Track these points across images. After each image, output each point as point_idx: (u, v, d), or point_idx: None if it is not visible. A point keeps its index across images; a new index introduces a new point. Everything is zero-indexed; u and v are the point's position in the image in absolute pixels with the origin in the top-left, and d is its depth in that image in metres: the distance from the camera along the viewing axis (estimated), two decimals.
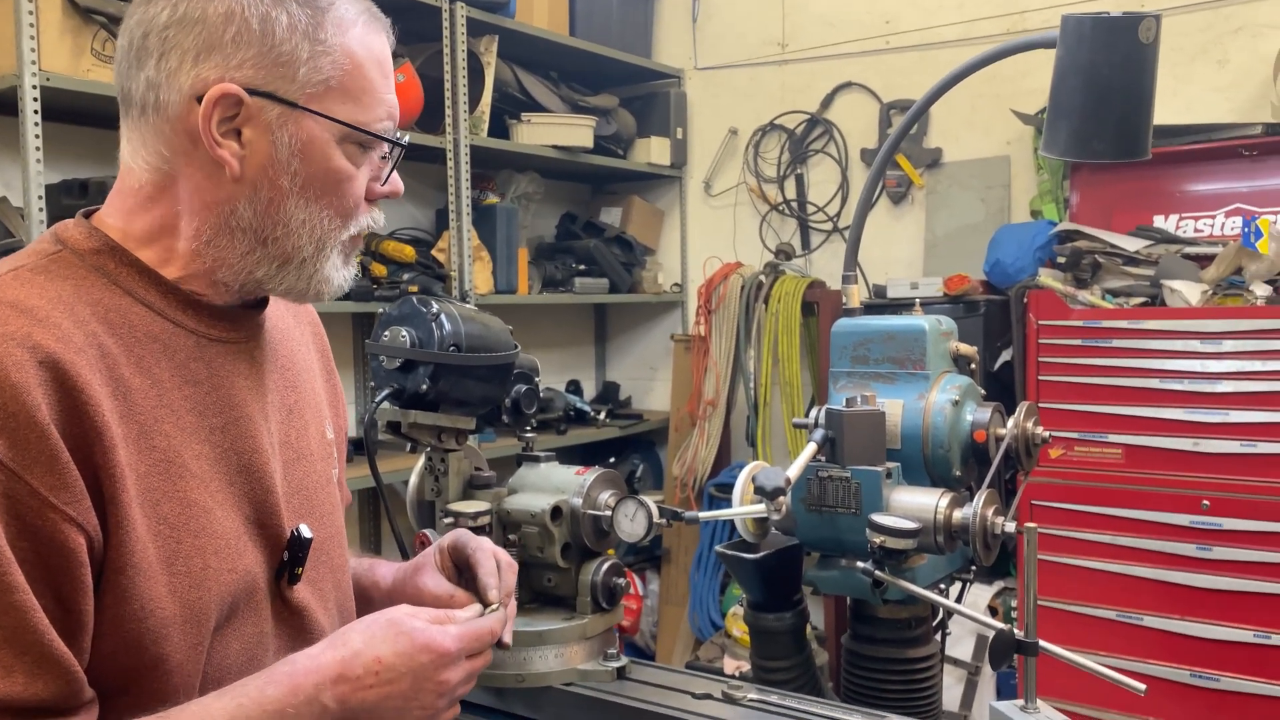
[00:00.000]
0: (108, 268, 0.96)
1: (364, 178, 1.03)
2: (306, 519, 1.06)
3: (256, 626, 1.00)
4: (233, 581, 0.96)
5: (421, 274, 3.48)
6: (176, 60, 0.95)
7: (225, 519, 0.97)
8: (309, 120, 0.97)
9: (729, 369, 4.05)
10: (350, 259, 1.07)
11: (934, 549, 1.39)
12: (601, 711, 1.38)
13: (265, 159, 0.96)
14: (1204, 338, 2.82)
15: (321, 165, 0.98)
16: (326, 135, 0.98)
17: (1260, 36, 3.31)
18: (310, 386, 1.16)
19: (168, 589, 0.90)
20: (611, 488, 1.49)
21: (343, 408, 1.29)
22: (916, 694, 1.49)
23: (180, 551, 0.92)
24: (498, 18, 3.65)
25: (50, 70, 2.51)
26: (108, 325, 0.93)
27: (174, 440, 0.94)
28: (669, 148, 4.42)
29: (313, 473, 1.11)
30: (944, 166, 3.94)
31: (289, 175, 0.97)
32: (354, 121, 0.99)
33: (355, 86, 0.99)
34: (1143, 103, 1.38)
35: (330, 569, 1.11)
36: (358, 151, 1.01)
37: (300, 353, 1.17)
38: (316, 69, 0.96)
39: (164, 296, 0.98)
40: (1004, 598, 3.35)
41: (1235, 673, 2.78)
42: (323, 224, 1.00)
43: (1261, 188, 3.21)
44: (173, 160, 0.97)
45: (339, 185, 1.00)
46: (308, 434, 1.12)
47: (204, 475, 0.96)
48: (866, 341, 1.55)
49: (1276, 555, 2.72)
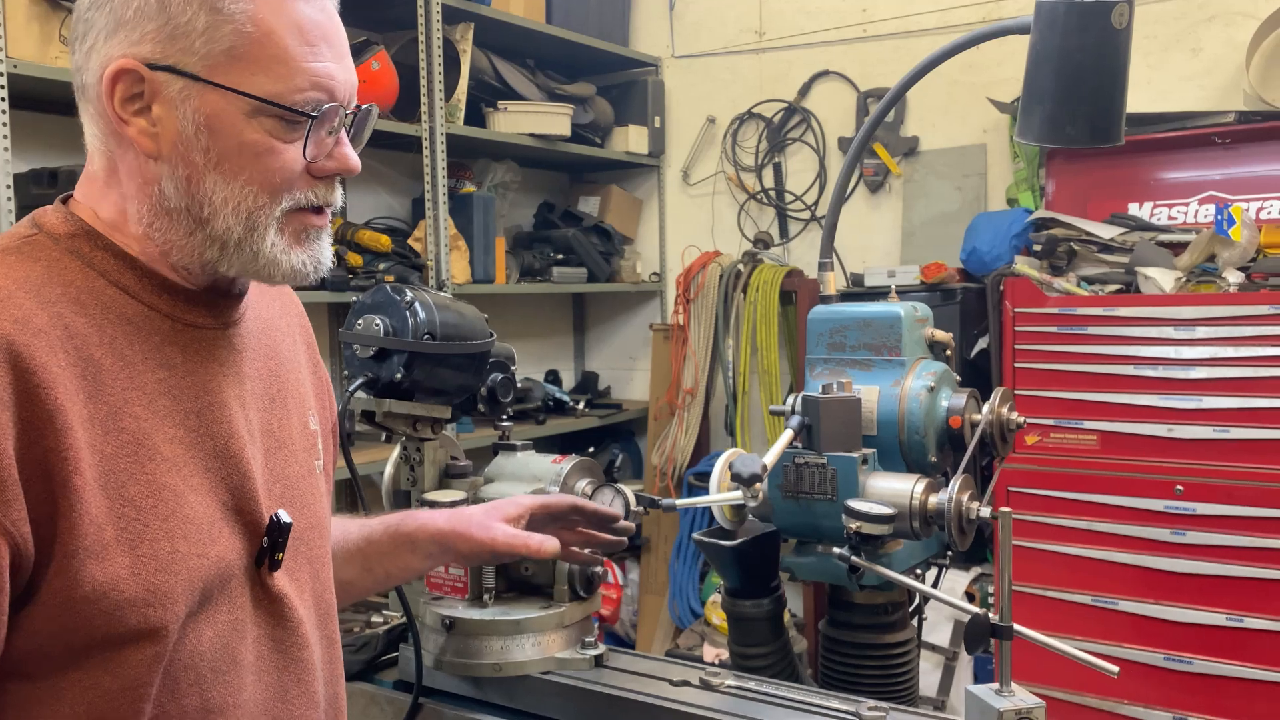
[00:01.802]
0: (83, 250, 0.96)
1: (294, 151, 0.97)
2: (288, 507, 1.05)
3: (232, 614, 0.98)
4: (204, 568, 0.95)
5: (398, 263, 3.46)
6: (92, 40, 0.95)
7: (199, 504, 0.96)
8: (212, 93, 0.93)
9: (708, 358, 4.06)
10: (306, 240, 1.02)
11: (910, 534, 1.40)
12: (579, 700, 1.38)
13: (175, 135, 0.94)
14: (1178, 324, 2.85)
15: (234, 139, 0.94)
16: (234, 108, 0.94)
17: (1233, 25, 3.33)
18: (294, 377, 1.15)
19: (130, 571, 0.89)
20: (589, 476, 1.49)
21: (330, 400, 1.28)
22: (893, 679, 1.50)
23: (146, 534, 0.91)
24: (474, 5, 3.63)
25: (17, 57, 2.47)
26: (80, 306, 0.92)
27: (145, 422, 0.93)
28: (647, 136, 4.41)
29: (294, 462, 1.10)
30: (921, 155, 3.95)
31: (201, 151, 0.94)
32: (263, 93, 0.94)
33: (264, 55, 0.93)
34: (1116, 88, 1.38)
35: (309, 559, 1.11)
36: (279, 125, 0.95)
37: (284, 343, 1.16)
38: (215, 39, 0.92)
39: (139, 280, 0.97)
40: (980, 583, 3.37)
41: (1208, 655, 2.81)
42: (247, 200, 0.96)
43: (1234, 175, 3.24)
44: (106, 142, 0.97)
45: (258, 160, 0.96)
46: (290, 424, 1.11)
47: (176, 459, 0.95)
48: (843, 328, 1.55)
49: (1249, 540, 2.75)
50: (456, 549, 1.29)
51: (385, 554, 1.29)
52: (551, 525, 1.36)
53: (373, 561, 1.29)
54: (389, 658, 1.61)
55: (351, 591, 1.31)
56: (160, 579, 0.91)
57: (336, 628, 1.14)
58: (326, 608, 1.12)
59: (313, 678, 1.06)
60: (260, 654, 1.00)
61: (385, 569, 1.31)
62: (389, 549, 1.30)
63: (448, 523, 1.29)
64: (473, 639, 1.41)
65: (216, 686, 0.95)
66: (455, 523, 1.29)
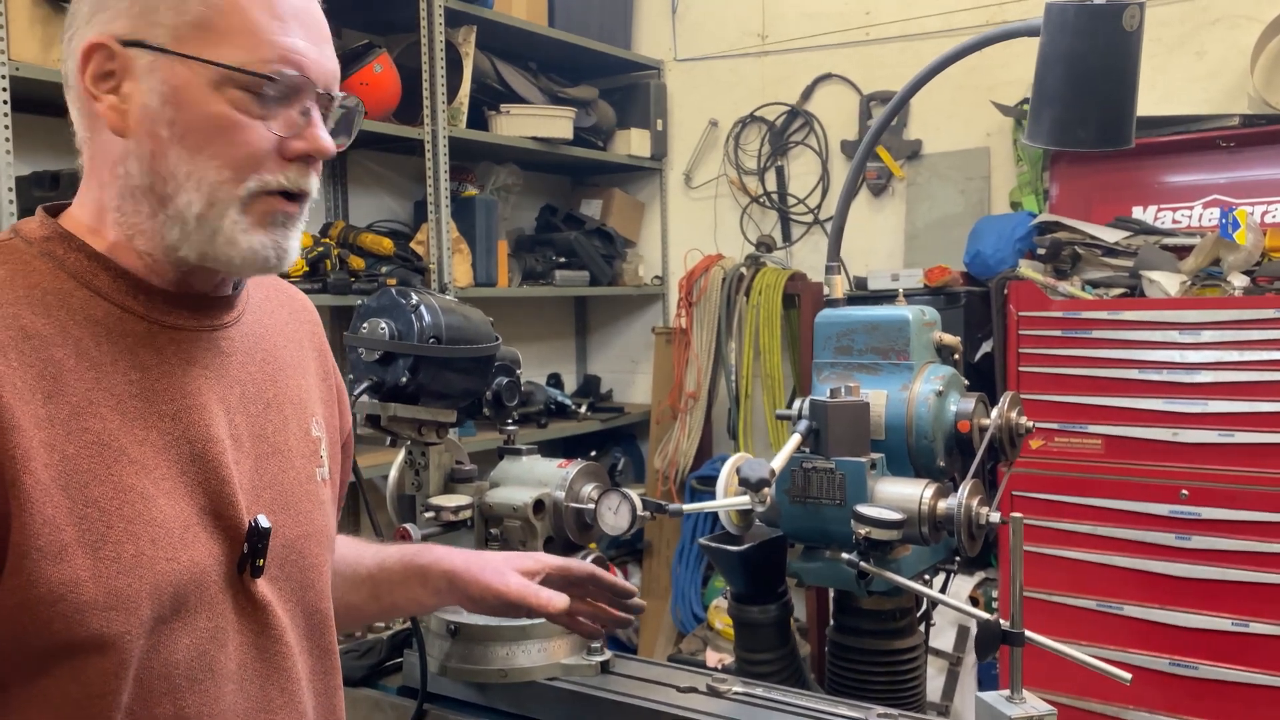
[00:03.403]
0: (56, 253, 0.95)
1: (263, 129, 0.95)
2: (279, 514, 1.03)
3: (211, 621, 0.96)
4: (173, 572, 0.92)
5: (400, 267, 3.45)
6: (75, 28, 0.96)
7: (170, 507, 0.94)
8: (179, 64, 0.93)
9: (710, 361, 4.05)
10: (271, 225, 0.98)
11: (919, 540, 1.39)
12: (585, 706, 1.37)
13: (141, 110, 0.94)
14: (1182, 328, 2.84)
15: (199, 111, 0.93)
16: (199, 79, 0.93)
17: (1238, 28, 3.32)
18: (296, 383, 1.13)
19: (90, 573, 0.87)
20: (594, 480, 1.48)
21: (345, 409, 1.25)
22: (901, 685, 1.49)
23: (109, 536, 0.89)
24: (476, 8, 3.62)
25: (20, 60, 2.46)
26: (43, 308, 0.91)
27: (111, 423, 0.92)
28: (649, 139, 4.41)
29: (290, 468, 1.08)
30: (924, 158, 3.94)
31: (166, 124, 0.93)
32: (230, 63, 0.93)
33: (231, 26, 0.93)
34: (1126, 91, 1.37)
35: (300, 567, 1.08)
36: (248, 99, 0.94)
37: (287, 349, 1.14)
38: (183, 10, 0.93)
39: (113, 281, 0.96)
40: (985, 588, 3.36)
41: (1214, 661, 2.80)
42: (209, 176, 0.94)
43: (1239, 179, 3.23)
44: (82, 130, 0.98)
45: (223, 134, 0.94)
46: (287, 429, 1.09)
47: (146, 461, 0.93)
48: (850, 332, 1.54)
49: (1254, 544, 2.74)
50: (467, 591, 1.26)
51: (396, 583, 1.27)
52: (566, 589, 1.31)
53: (382, 589, 1.28)
54: (393, 663, 1.59)
55: (357, 616, 1.30)
56: (122, 582, 0.89)
57: (333, 638, 1.11)
58: (321, 617, 1.09)
59: (298, 688, 1.03)
60: (243, 663, 0.98)
61: (393, 599, 1.28)
62: (400, 578, 1.27)
63: (464, 563, 1.26)
64: (478, 644, 1.40)
65: (192, 696, 0.93)
66: (471, 564, 1.26)
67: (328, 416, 1.18)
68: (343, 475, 1.24)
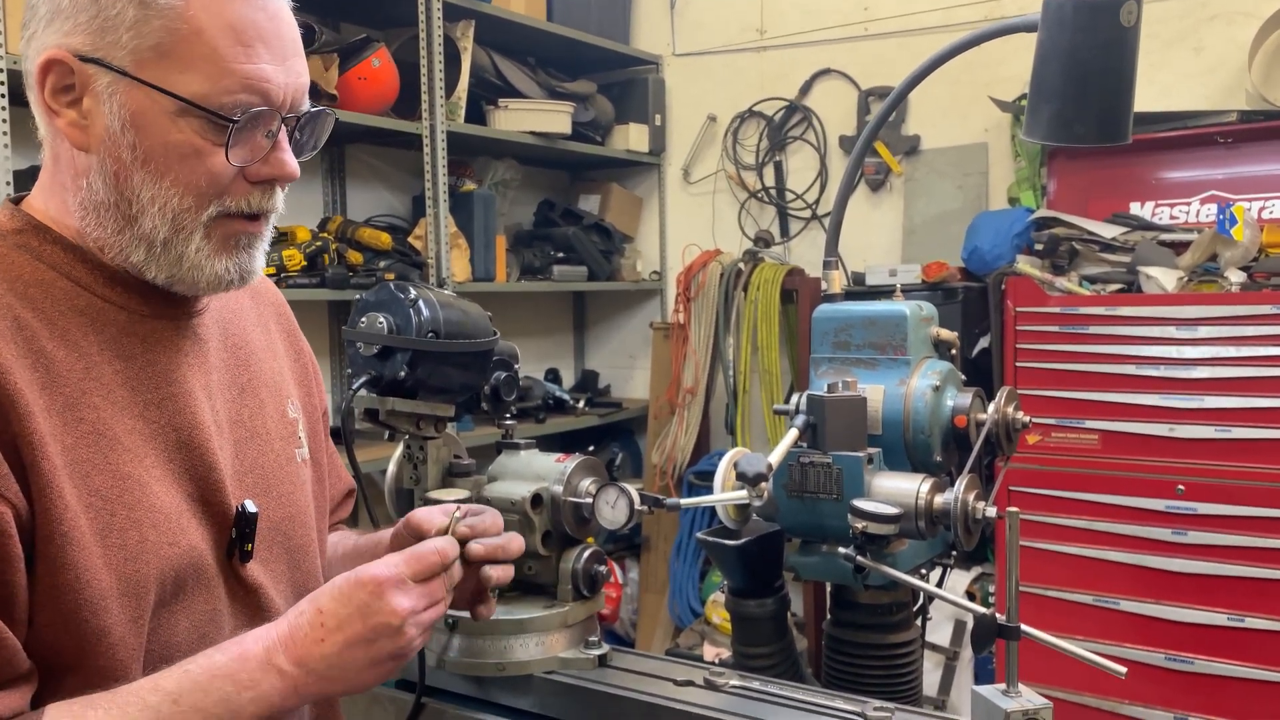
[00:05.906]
0: (32, 245, 0.95)
1: (224, 156, 0.93)
2: (262, 498, 1.04)
3: (208, 604, 0.98)
4: (174, 556, 0.94)
5: (398, 261, 3.45)
6: (33, 30, 0.94)
7: (164, 494, 0.95)
8: (137, 90, 0.90)
9: (708, 357, 4.05)
10: (234, 248, 0.98)
11: (915, 534, 1.39)
12: (583, 699, 1.37)
13: (102, 130, 0.92)
14: (1179, 324, 2.84)
15: (159, 139, 0.92)
16: (158, 107, 0.91)
17: (1235, 24, 3.33)
18: (268, 366, 1.14)
19: (103, 561, 0.89)
20: (592, 475, 1.48)
21: (318, 386, 1.27)
22: (898, 679, 1.49)
23: (114, 524, 0.90)
24: (475, 2, 3.62)
25: (17, 54, 2.45)
26: (27, 300, 0.92)
27: (104, 413, 0.92)
28: (647, 134, 4.41)
29: (269, 451, 1.09)
30: (922, 154, 3.94)
31: (128, 148, 0.92)
32: (189, 93, 0.90)
33: (192, 54, 0.90)
34: (1124, 86, 1.37)
35: (287, 549, 1.09)
36: (206, 126, 0.92)
37: (255, 332, 1.14)
38: (144, 33, 0.89)
39: (91, 272, 0.96)
40: (981, 583, 3.37)
41: (1209, 655, 2.81)
42: (172, 202, 0.93)
43: (1236, 175, 3.24)
44: (44, 129, 0.97)
45: (183, 161, 0.93)
46: (264, 413, 1.10)
47: (138, 449, 0.94)
48: (848, 327, 1.54)
49: (1250, 539, 2.75)
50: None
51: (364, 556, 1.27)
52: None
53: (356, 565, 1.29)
54: None
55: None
56: (131, 568, 0.90)
57: None
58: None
59: None
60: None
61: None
62: (369, 553, 1.28)
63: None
64: (476, 638, 1.41)
65: None
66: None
67: (304, 395, 1.19)
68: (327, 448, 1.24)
